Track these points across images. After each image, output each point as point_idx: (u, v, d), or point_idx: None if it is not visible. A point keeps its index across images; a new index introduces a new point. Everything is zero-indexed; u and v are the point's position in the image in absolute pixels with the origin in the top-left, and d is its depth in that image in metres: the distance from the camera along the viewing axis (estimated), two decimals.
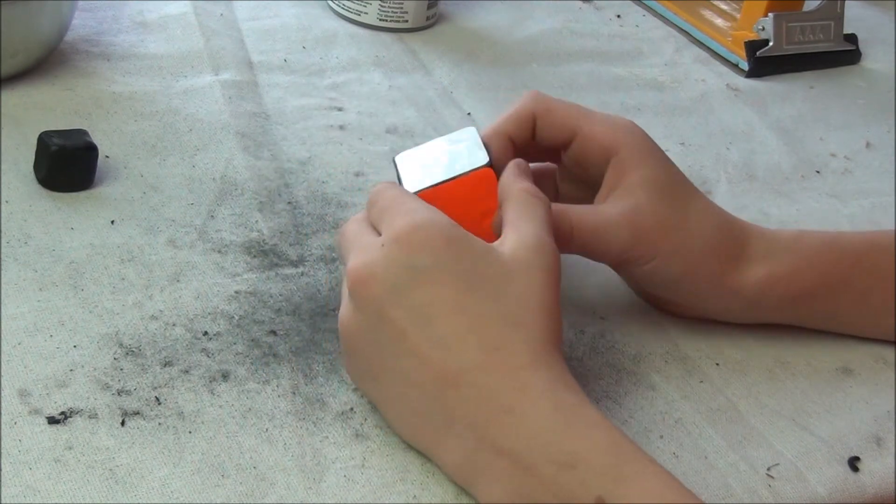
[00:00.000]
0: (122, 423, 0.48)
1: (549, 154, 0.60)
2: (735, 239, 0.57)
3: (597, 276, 0.63)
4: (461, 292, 0.46)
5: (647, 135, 0.57)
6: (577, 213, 0.55)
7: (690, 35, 0.96)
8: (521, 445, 0.44)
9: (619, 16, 0.98)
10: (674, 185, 0.57)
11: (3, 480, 0.44)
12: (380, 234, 0.49)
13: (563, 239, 0.54)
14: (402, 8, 0.85)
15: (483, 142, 0.56)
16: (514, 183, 0.52)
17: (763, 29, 0.92)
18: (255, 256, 0.60)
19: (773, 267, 0.57)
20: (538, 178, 0.61)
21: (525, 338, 0.46)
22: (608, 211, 0.55)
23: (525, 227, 0.49)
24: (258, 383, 0.52)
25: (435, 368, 0.46)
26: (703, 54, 0.94)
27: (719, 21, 0.97)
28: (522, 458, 0.44)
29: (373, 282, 0.47)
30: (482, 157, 0.55)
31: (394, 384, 0.48)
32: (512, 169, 0.53)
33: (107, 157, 0.64)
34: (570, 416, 0.45)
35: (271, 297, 0.57)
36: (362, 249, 0.49)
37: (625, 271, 0.58)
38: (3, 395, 0.48)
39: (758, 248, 0.57)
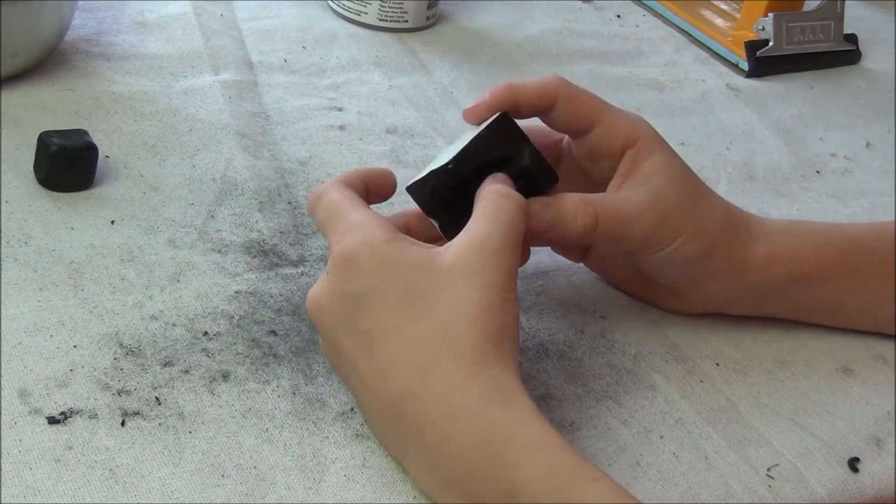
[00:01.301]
0: (123, 424, 0.48)
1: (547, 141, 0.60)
2: (741, 222, 0.58)
3: (597, 276, 0.63)
4: (397, 312, 0.46)
5: (653, 127, 0.58)
6: (601, 200, 0.55)
7: (690, 35, 0.96)
8: (462, 477, 0.44)
9: (619, 16, 0.98)
10: (685, 173, 0.57)
11: (3, 480, 0.44)
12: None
13: (590, 228, 0.54)
14: (402, 8, 0.85)
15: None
16: (487, 185, 0.51)
17: (763, 29, 0.92)
18: (255, 256, 0.60)
19: (774, 247, 0.58)
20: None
21: (453, 351, 0.45)
22: (631, 197, 0.55)
23: (477, 228, 0.49)
24: (258, 383, 0.52)
25: (380, 396, 0.47)
26: (703, 54, 0.94)
27: (719, 21, 0.97)
28: (467, 490, 0.44)
29: (323, 313, 0.48)
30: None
31: (362, 406, 0.49)
32: (489, 179, 0.52)
33: (107, 157, 0.64)
34: (504, 442, 0.43)
35: (271, 297, 0.57)
36: (321, 276, 0.49)
37: (639, 260, 0.58)
38: (3, 395, 0.48)
39: (759, 231, 0.58)
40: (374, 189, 0.54)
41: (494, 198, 0.50)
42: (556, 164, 0.61)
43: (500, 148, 0.54)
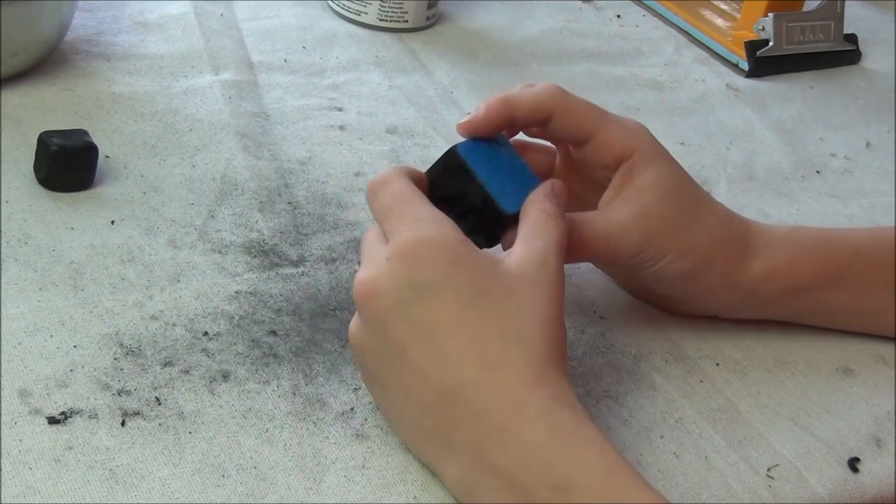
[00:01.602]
0: (123, 424, 0.48)
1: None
2: (738, 236, 0.58)
3: (597, 276, 0.63)
4: (463, 308, 0.46)
5: (654, 137, 0.58)
6: (586, 221, 0.55)
7: (690, 35, 0.96)
8: (515, 466, 0.44)
9: (619, 16, 0.98)
10: (680, 187, 0.57)
11: (3, 480, 0.44)
12: (387, 239, 0.49)
13: (574, 248, 0.53)
14: (402, 8, 0.85)
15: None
16: (537, 202, 0.52)
17: (763, 29, 0.92)
18: (255, 256, 0.60)
19: (772, 259, 0.58)
20: (536, 155, 0.61)
21: (524, 354, 0.46)
22: (617, 217, 0.55)
23: (534, 243, 0.49)
24: (258, 383, 0.52)
25: (434, 384, 0.46)
26: (703, 54, 0.94)
27: (719, 21, 0.97)
28: (516, 478, 0.44)
29: (377, 297, 0.47)
30: None
31: (397, 396, 0.49)
32: (543, 188, 0.53)
33: (107, 157, 0.64)
34: (566, 438, 0.44)
35: (271, 297, 0.57)
36: (370, 262, 0.49)
37: (632, 273, 0.58)
38: (3, 395, 0.48)
39: (757, 243, 0.58)
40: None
41: (544, 217, 0.51)
42: (550, 164, 0.61)
43: (446, 186, 0.53)
